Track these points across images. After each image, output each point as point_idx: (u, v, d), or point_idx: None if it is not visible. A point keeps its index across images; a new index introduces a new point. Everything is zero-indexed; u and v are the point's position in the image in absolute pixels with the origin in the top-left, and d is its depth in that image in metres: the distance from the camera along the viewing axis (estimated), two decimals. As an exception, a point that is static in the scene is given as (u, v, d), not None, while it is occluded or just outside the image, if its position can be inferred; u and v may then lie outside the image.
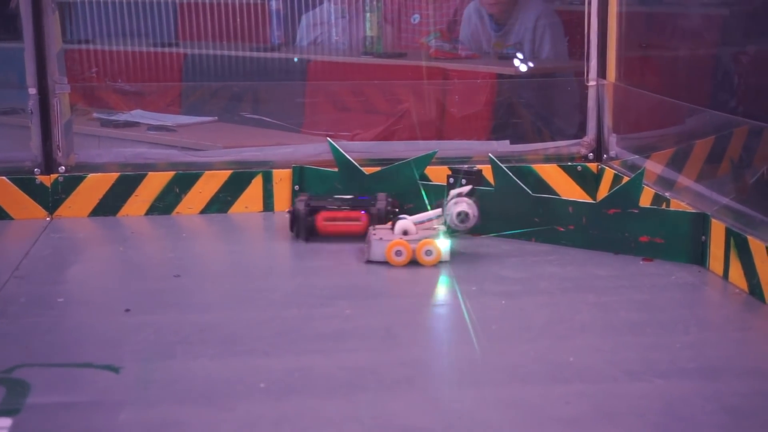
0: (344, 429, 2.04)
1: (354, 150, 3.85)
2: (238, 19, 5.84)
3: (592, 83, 3.94)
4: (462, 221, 3.13)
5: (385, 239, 3.10)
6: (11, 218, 3.66)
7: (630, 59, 3.91)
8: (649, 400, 2.19)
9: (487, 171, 3.49)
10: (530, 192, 3.38)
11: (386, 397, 2.19)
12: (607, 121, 3.93)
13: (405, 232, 3.14)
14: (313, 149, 3.89)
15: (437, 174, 3.67)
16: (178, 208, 3.74)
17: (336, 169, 3.72)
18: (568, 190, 3.86)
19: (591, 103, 3.96)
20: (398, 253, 3.07)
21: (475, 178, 3.47)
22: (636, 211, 3.18)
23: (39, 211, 3.68)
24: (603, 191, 3.84)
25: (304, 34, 5.76)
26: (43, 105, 3.70)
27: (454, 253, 3.13)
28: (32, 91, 3.68)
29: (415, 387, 2.25)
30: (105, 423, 2.08)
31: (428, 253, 3.08)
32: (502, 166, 3.42)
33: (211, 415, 2.10)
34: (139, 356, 2.41)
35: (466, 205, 3.15)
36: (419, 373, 2.32)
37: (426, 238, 3.10)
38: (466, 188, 3.21)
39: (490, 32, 5.37)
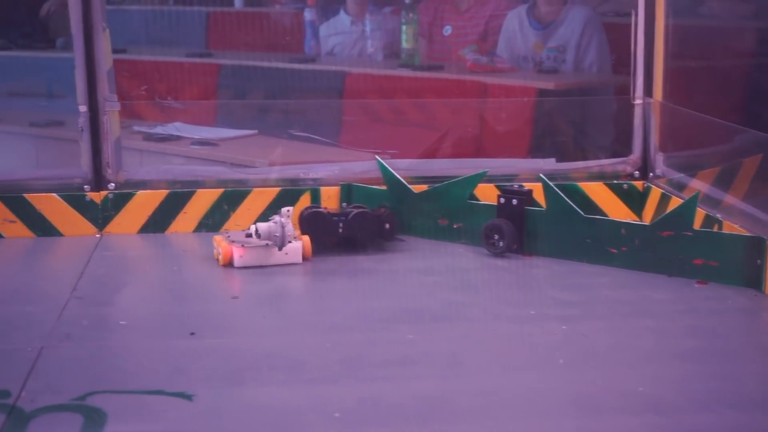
0: (424, 462, 2.06)
1: (400, 168, 3.86)
2: (273, 30, 5.86)
3: (638, 101, 3.94)
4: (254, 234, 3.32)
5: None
6: (61, 235, 3.68)
7: (677, 76, 3.91)
8: (722, 433, 2.20)
9: (535, 189, 3.50)
10: (582, 213, 3.38)
11: (460, 429, 2.20)
12: (654, 139, 3.93)
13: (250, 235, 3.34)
14: (360, 167, 3.90)
15: (484, 193, 3.68)
16: (227, 225, 3.75)
17: (384, 187, 3.73)
18: (614, 208, 3.87)
19: (637, 120, 3.96)
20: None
21: (527, 198, 3.49)
22: (690, 233, 3.19)
23: (89, 227, 3.69)
24: (649, 210, 3.85)
25: (323, 44, 5.75)
26: (93, 122, 3.72)
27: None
28: (83, 108, 3.71)
29: (487, 417, 2.25)
30: (186, 454, 2.09)
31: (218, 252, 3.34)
32: (554, 187, 3.43)
33: (290, 446, 2.11)
34: (209, 383, 2.42)
35: (265, 223, 3.32)
36: (490, 402, 2.33)
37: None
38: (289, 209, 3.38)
39: (529, 33, 5.30)
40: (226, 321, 2.86)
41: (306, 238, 3.41)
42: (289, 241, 3.33)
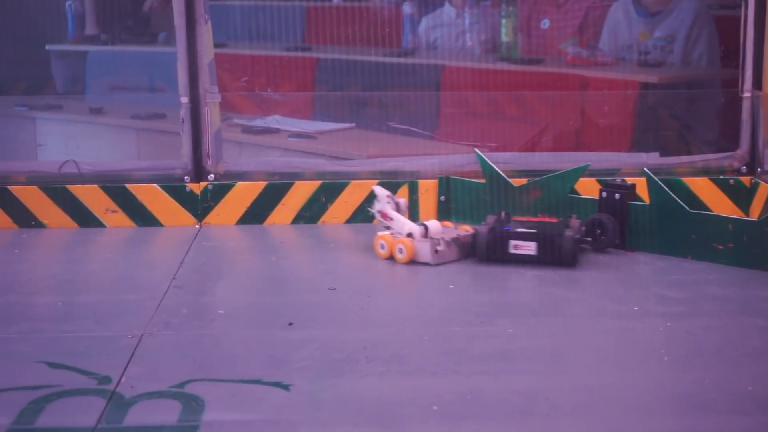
0: (525, 457, 2.01)
1: (499, 161, 3.81)
2: (371, 23, 5.84)
3: (747, 94, 3.83)
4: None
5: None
6: (161, 225, 3.71)
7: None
8: (838, 435, 2.11)
9: (638, 183, 3.42)
10: (687, 208, 3.29)
11: (563, 424, 2.15)
12: (762, 133, 3.81)
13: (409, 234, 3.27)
14: (458, 160, 3.86)
15: (585, 187, 3.61)
16: (324, 218, 3.75)
17: (483, 181, 3.68)
18: (720, 204, 3.76)
19: (745, 114, 3.85)
20: (381, 246, 3.28)
21: (629, 192, 3.41)
22: (801, 230, 3.08)
23: (188, 218, 3.72)
24: (756, 206, 3.73)
25: (422, 36, 5.72)
26: (194, 114, 3.75)
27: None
28: (184, 100, 3.74)
29: (592, 414, 2.20)
30: (284, 443, 2.08)
31: (400, 251, 3.24)
32: (659, 181, 3.34)
33: (389, 438, 2.09)
34: (307, 373, 2.41)
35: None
36: (594, 399, 2.27)
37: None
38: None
39: (635, 22, 5.19)
40: (324, 312, 2.84)
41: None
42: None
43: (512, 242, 3.24)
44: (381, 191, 3.34)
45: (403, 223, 3.29)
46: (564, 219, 3.35)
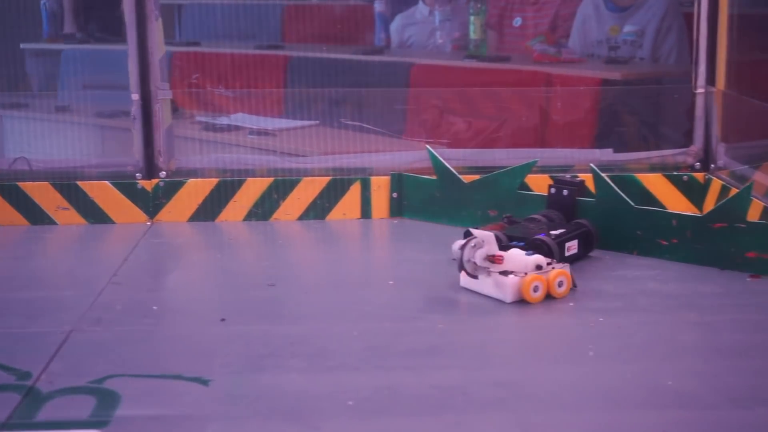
0: (431, 452, 2.00)
1: (454, 158, 3.80)
2: (341, 22, 5.84)
3: (700, 90, 3.81)
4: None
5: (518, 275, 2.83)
6: (113, 222, 3.71)
7: (740, 65, 3.78)
8: (749, 430, 2.09)
9: (589, 180, 3.41)
10: (633, 204, 3.28)
11: (476, 420, 2.14)
12: (716, 129, 3.80)
13: (538, 266, 2.87)
14: (412, 156, 3.85)
15: (535, 182, 3.60)
16: (277, 214, 3.74)
17: (435, 177, 3.68)
18: (674, 200, 3.75)
19: (699, 111, 3.84)
20: (536, 289, 2.83)
21: (578, 188, 3.40)
22: (743, 225, 3.07)
23: (140, 215, 3.72)
24: (710, 202, 3.72)
25: (395, 34, 5.72)
26: (146, 110, 3.74)
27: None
28: (135, 96, 3.73)
29: (506, 409, 2.19)
30: (192, 438, 2.07)
31: (560, 284, 2.87)
32: (604, 176, 3.33)
33: (297, 432, 2.08)
34: (229, 369, 2.41)
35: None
36: (511, 394, 2.26)
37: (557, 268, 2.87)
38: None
39: (606, 17, 5.18)
40: (258, 308, 2.83)
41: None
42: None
43: (566, 245, 3.16)
44: (487, 233, 2.87)
45: (519, 258, 2.87)
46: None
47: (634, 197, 3.41)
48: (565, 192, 3.38)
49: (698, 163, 3.83)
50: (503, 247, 2.95)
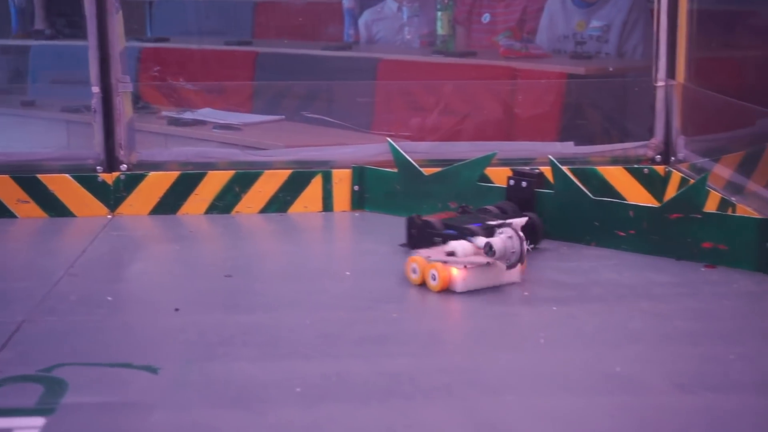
0: (375, 437, 2.00)
1: (416, 151, 3.81)
2: (311, 18, 5.85)
3: (660, 83, 3.83)
4: (486, 252, 2.82)
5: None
6: (73, 215, 3.69)
7: (700, 59, 3.80)
8: (697, 415, 2.11)
9: (548, 172, 3.42)
10: (590, 195, 3.29)
11: (422, 405, 2.14)
12: (676, 122, 3.82)
13: (452, 253, 2.85)
14: (374, 149, 3.85)
15: (498, 175, 3.61)
16: (238, 207, 3.74)
17: (396, 170, 3.68)
18: (634, 193, 3.77)
19: (659, 104, 3.86)
20: (413, 270, 2.89)
21: (537, 180, 3.41)
22: (699, 216, 3.08)
23: (100, 208, 3.71)
24: (670, 195, 3.73)
25: (363, 30, 5.73)
26: (106, 103, 3.73)
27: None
28: (95, 89, 3.72)
29: (453, 395, 2.19)
30: (135, 424, 2.07)
31: (432, 277, 2.85)
32: (562, 168, 3.35)
33: (243, 419, 2.08)
34: (180, 357, 2.40)
35: (498, 238, 2.83)
36: (459, 380, 2.27)
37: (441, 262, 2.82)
38: (521, 220, 3.01)
39: (573, 12, 5.20)
40: (213, 298, 2.83)
41: None
42: (521, 260, 2.83)
43: None
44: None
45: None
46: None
47: (595, 190, 3.42)
48: (524, 183, 3.39)
49: (659, 156, 3.85)
50: (440, 236, 2.98)
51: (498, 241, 2.82)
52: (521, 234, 2.83)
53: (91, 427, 2.05)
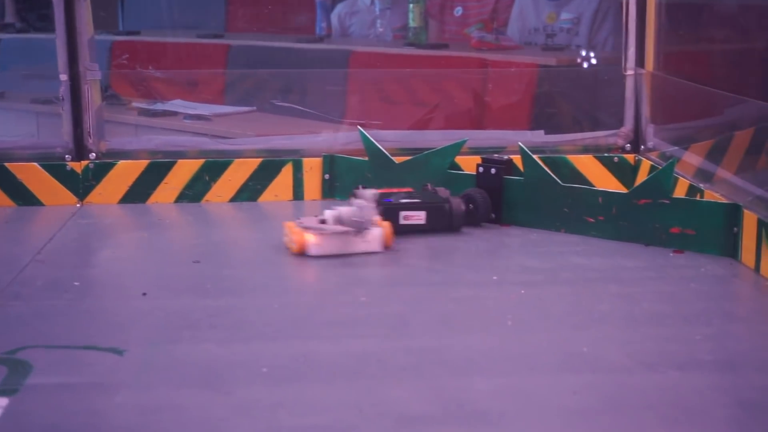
0: (341, 416, 2.00)
1: (387, 139, 3.80)
2: (282, 11, 5.84)
3: (629, 72, 3.84)
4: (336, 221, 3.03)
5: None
6: (42, 204, 3.67)
7: (669, 48, 3.81)
8: (661, 392, 2.12)
9: (518, 161, 3.42)
10: (560, 182, 3.30)
11: (389, 385, 2.14)
12: (645, 111, 3.84)
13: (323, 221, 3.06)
14: (344, 138, 3.85)
15: (469, 163, 3.61)
16: (208, 196, 3.72)
17: (367, 158, 3.67)
18: (605, 181, 3.78)
19: (628, 92, 3.87)
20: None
21: (505, 167, 3.41)
22: (667, 201, 3.09)
23: (69, 197, 3.68)
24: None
25: (337, 23, 5.74)
26: (74, 92, 3.71)
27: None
28: (63, 77, 3.69)
29: (420, 375, 2.19)
30: (101, 404, 2.05)
31: (291, 241, 3.05)
32: (532, 155, 3.35)
33: (208, 399, 2.07)
34: (146, 340, 2.39)
35: (348, 208, 3.02)
36: (426, 360, 2.26)
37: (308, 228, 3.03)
38: (373, 192, 3.13)
39: (543, 5, 5.21)
40: (181, 283, 2.82)
41: (386, 224, 3.10)
42: (366, 228, 3.01)
43: (402, 213, 3.23)
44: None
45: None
46: (425, 189, 3.36)
47: (566, 178, 3.42)
48: (493, 170, 3.39)
49: (629, 145, 3.87)
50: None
51: (346, 210, 2.98)
52: (372, 205, 3.02)
53: (55, 406, 2.04)
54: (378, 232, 3.04)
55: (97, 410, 2.04)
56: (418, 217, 3.25)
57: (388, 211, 3.20)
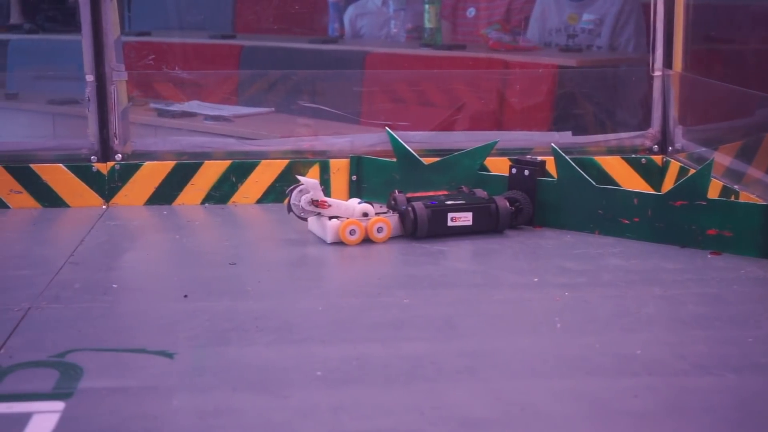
0: (403, 419, 1.97)
1: (413, 140, 3.78)
2: (297, 12, 5.81)
3: (657, 73, 3.83)
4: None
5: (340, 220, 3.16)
6: (68, 206, 3.64)
7: (697, 48, 3.80)
8: (721, 395, 2.10)
9: (549, 162, 3.40)
10: (594, 183, 3.28)
11: (446, 388, 2.12)
12: (673, 112, 3.82)
13: (365, 214, 3.17)
14: (370, 139, 3.83)
15: (497, 165, 3.60)
16: (234, 198, 3.70)
17: (394, 159, 3.65)
18: (632, 182, 3.77)
19: (656, 93, 3.86)
20: (352, 232, 3.14)
21: (538, 169, 3.39)
22: (704, 203, 3.08)
23: (95, 198, 3.65)
24: (668, 184, 3.74)
25: (348, 25, 5.72)
26: (101, 93, 3.68)
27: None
28: (89, 78, 3.67)
29: (476, 377, 2.17)
30: (158, 408, 2.03)
31: (380, 230, 3.15)
32: (566, 156, 3.33)
33: (266, 402, 2.04)
34: (194, 342, 2.37)
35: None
36: (480, 363, 2.24)
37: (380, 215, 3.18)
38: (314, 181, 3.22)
39: (564, 5, 5.19)
40: (221, 285, 2.79)
41: (383, 219, 3.19)
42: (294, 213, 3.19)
43: (450, 215, 3.22)
44: (311, 180, 3.20)
45: (346, 205, 3.21)
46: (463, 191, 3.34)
47: (593, 180, 3.40)
48: (527, 172, 3.38)
49: (656, 146, 3.85)
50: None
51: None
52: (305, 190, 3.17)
53: (110, 410, 2.01)
54: (333, 224, 3.14)
55: (154, 414, 2.01)
56: (465, 219, 3.22)
57: (436, 213, 3.17)
